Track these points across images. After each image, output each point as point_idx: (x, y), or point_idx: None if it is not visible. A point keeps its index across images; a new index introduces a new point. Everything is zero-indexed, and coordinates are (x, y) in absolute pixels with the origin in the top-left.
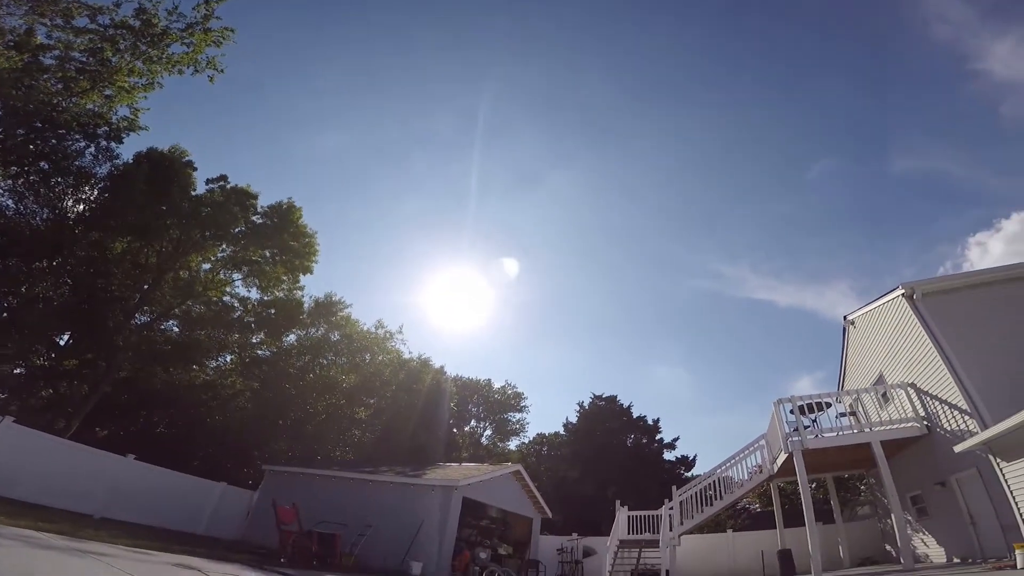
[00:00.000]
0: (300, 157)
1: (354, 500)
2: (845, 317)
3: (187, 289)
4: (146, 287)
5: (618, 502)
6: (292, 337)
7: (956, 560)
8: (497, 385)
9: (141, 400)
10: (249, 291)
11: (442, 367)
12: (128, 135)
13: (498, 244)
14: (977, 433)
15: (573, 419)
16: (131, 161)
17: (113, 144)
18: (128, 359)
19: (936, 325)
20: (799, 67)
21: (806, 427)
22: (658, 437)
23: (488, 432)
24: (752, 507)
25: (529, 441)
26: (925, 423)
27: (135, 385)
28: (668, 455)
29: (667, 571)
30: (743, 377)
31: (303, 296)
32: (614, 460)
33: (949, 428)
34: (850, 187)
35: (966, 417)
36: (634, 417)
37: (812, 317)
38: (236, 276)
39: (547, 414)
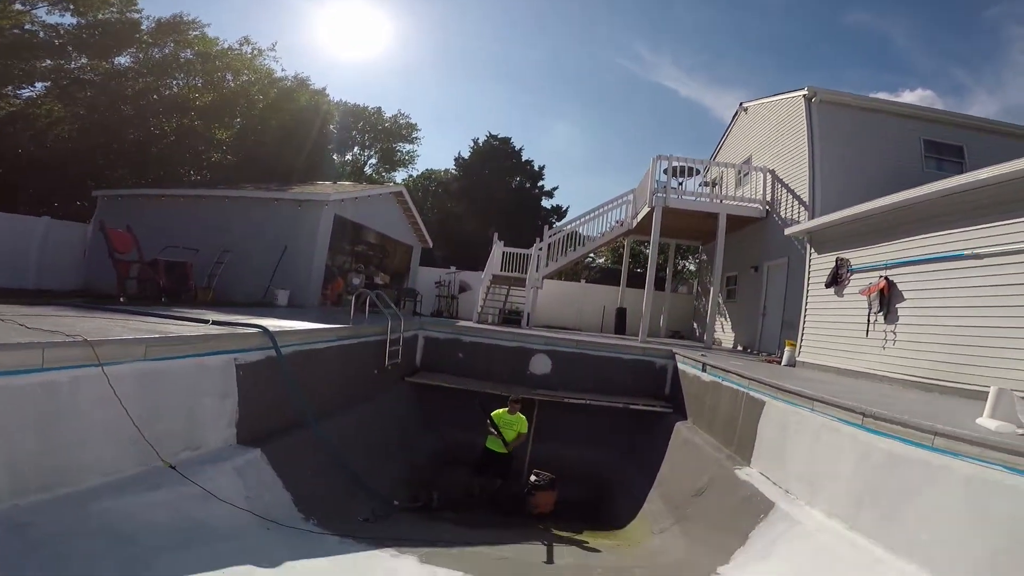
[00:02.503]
0: None
1: (208, 224)
2: (741, 104)
3: None
4: None
5: (495, 234)
6: (126, 59)
7: (739, 348)
8: (388, 114)
9: None
10: (63, 16)
11: (323, 88)
12: None
13: None
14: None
15: (466, 155)
16: None
17: None
18: None
19: (818, 128)
20: None
21: (673, 188)
22: (540, 184)
23: (373, 161)
24: (603, 261)
25: (418, 175)
26: (767, 208)
27: None
28: (546, 203)
29: (528, 314)
30: (626, 150)
31: (142, 17)
32: (498, 200)
33: (784, 216)
34: (800, 21)
35: (802, 209)
36: (523, 160)
37: (704, 114)
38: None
39: (439, 155)
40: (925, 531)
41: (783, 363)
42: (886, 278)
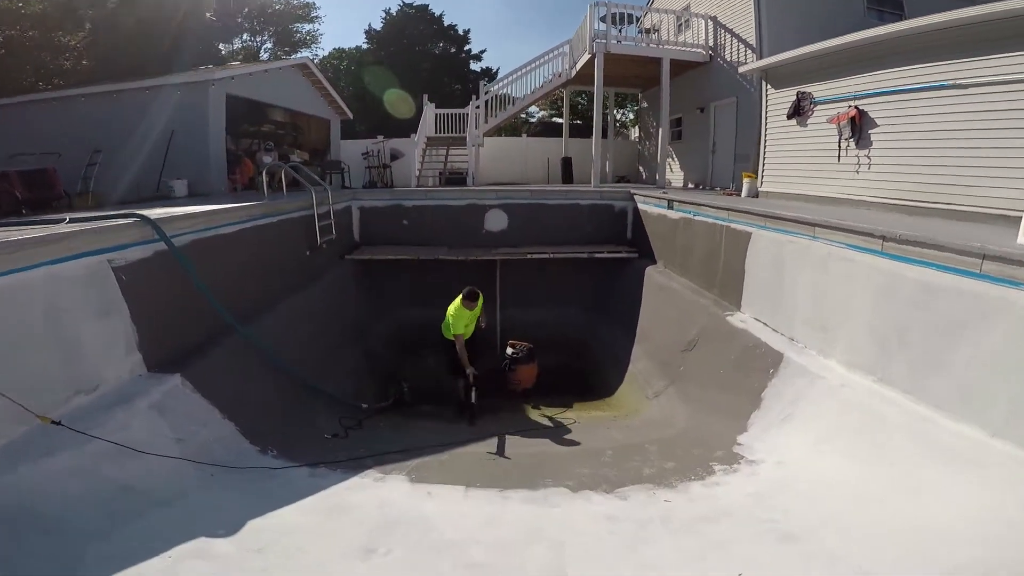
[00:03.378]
0: None
1: (71, 127)
2: None
3: None
4: None
5: (426, 97)
6: None
7: (691, 186)
8: None
9: None
10: None
11: None
12: None
13: None
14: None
15: (378, 27)
16: None
17: None
18: None
19: None
20: None
21: (613, 35)
22: (467, 48)
23: (268, 45)
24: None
25: (326, 55)
26: (710, 52)
27: None
28: (475, 66)
29: (472, 175)
30: (555, 7)
31: None
32: (421, 69)
33: (730, 59)
34: None
35: (748, 52)
36: (445, 26)
37: None
38: None
39: (347, 34)
40: (979, 381)
41: (743, 195)
42: (856, 107)
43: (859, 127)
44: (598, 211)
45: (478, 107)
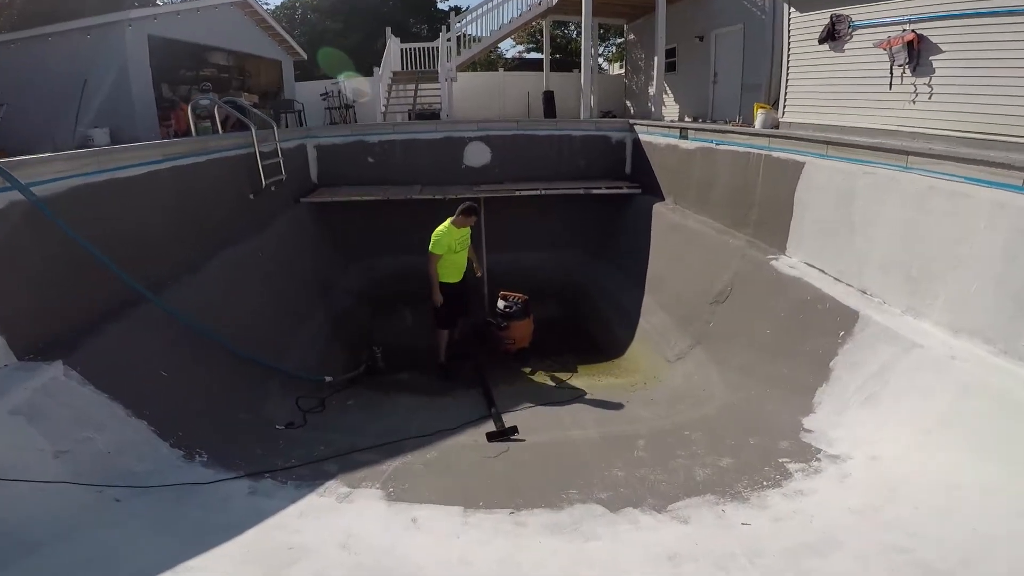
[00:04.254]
0: None
1: None
2: None
3: None
4: None
5: (389, 29)
6: None
7: (687, 119)
8: None
9: None
10: None
11: None
12: None
13: None
14: None
15: None
16: None
17: None
18: None
19: None
20: None
21: None
22: None
23: None
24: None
25: (277, 6)
26: None
27: None
28: (443, 5)
29: (446, 113)
30: None
31: None
32: (383, 11)
33: None
34: None
35: None
36: None
37: None
38: None
39: None
40: None
41: (758, 127)
42: (914, 31)
43: (917, 53)
44: (592, 143)
45: (449, 40)
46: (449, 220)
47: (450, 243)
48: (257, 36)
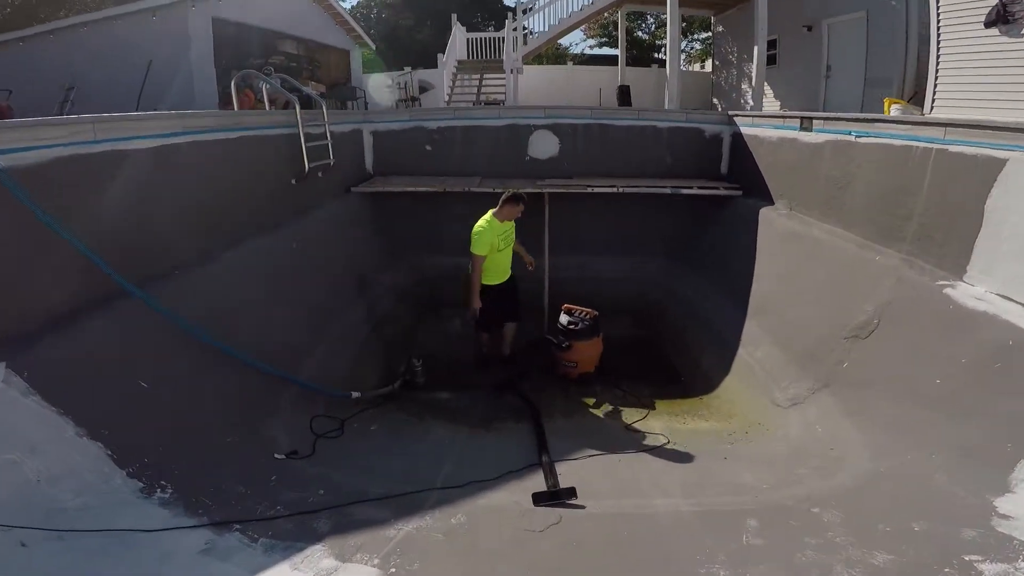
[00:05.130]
0: None
1: (34, 63)
2: None
3: None
4: None
5: (454, 16)
6: None
7: None
8: None
9: None
10: None
11: None
12: None
13: None
14: None
15: None
16: None
17: None
18: None
19: None
20: None
21: None
22: None
23: None
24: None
25: (355, 5)
26: None
27: None
28: (509, 1)
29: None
30: None
31: None
32: (449, 7)
33: None
34: None
35: None
36: None
37: None
38: None
39: None
40: None
41: None
42: None
43: None
44: (682, 136)
45: (515, 29)
46: (491, 212)
47: (493, 240)
48: (326, 24)
